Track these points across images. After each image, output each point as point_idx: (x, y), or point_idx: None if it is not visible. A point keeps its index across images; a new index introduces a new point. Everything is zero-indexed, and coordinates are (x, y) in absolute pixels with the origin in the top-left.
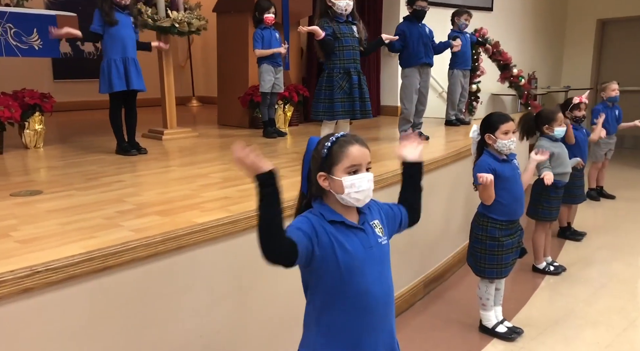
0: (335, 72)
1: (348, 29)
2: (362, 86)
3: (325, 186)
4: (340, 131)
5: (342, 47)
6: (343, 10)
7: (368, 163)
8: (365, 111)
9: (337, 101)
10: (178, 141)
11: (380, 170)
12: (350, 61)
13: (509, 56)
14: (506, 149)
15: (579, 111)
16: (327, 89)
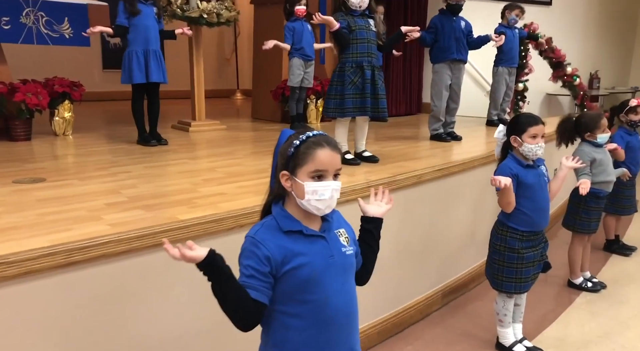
0: (347, 66)
1: (364, 21)
2: (377, 82)
3: (287, 186)
4: (358, 131)
5: (355, 40)
6: (357, 5)
7: (337, 170)
8: (378, 109)
9: (348, 97)
10: (204, 134)
11: (394, 171)
12: (364, 54)
13: (563, 53)
14: (532, 154)
15: (635, 114)
16: (339, 84)
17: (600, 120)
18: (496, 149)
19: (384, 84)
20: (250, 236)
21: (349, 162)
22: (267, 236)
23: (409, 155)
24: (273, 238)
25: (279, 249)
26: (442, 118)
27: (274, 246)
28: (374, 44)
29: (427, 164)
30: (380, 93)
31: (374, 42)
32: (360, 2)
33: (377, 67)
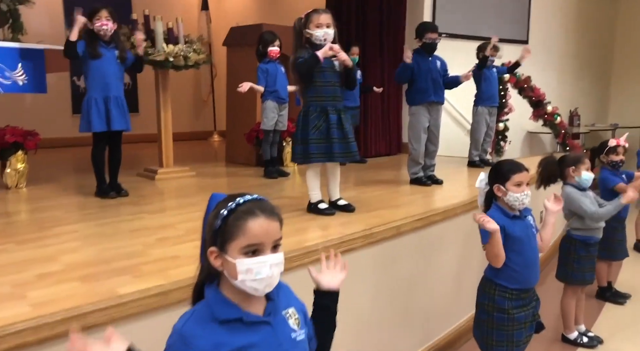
0: (311, 110)
1: (328, 62)
2: (344, 125)
3: (217, 265)
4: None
5: (320, 82)
6: (322, 40)
7: (276, 241)
8: (349, 153)
9: (312, 143)
10: (171, 182)
11: (371, 221)
12: (329, 98)
13: (542, 92)
14: (518, 204)
15: (616, 155)
16: (303, 129)
17: (584, 158)
18: (479, 199)
19: (352, 127)
20: (177, 330)
21: (322, 212)
22: (198, 330)
23: (387, 202)
24: (205, 332)
25: (213, 348)
26: (421, 161)
27: (207, 344)
28: (338, 87)
29: (406, 213)
30: (350, 137)
31: (338, 84)
32: (325, 35)
33: (344, 110)
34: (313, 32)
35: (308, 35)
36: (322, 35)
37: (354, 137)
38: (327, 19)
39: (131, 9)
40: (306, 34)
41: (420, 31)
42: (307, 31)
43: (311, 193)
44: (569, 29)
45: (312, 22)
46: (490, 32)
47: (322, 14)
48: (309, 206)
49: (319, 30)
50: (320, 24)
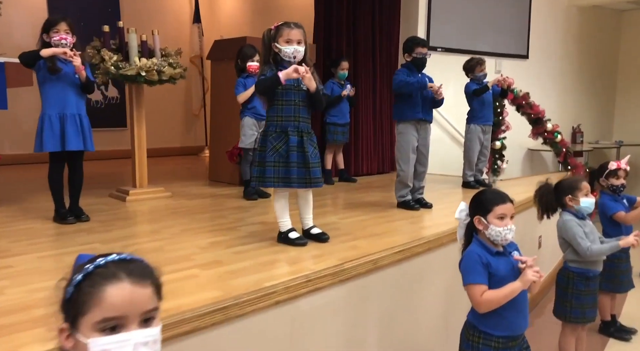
0: (270, 131)
1: (293, 80)
2: (306, 148)
3: (69, 347)
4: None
5: (281, 101)
6: (291, 57)
7: (146, 312)
8: (310, 179)
9: (269, 165)
10: (143, 204)
11: (345, 254)
12: (290, 118)
13: (542, 109)
14: (501, 239)
15: (616, 178)
16: (262, 150)
17: (581, 182)
18: (458, 231)
19: (317, 151)
20: None
21: (293, 242)
22: None
23: (369, 229)
24: None
25: None
26: (409, 184)
27: None
28: (303, 107)
29: (387, 243)
30: (312, 162)
31: (303, 104)
32: (295, 53)
33: (307, 132)
34: (282, 47)
35: (276, 49)
36: (292, 52)
37: (318, 162)
38: (298, 35)
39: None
40: (274, 48)
41: (409, 46)
42: (276, 45)
43: (280, 222)
44: (571, 44)
45: (282, 37)
46: (487, 47)
47: (293, 28)
48: (279, 235)
49: (289, 47)
50: (291, 39)
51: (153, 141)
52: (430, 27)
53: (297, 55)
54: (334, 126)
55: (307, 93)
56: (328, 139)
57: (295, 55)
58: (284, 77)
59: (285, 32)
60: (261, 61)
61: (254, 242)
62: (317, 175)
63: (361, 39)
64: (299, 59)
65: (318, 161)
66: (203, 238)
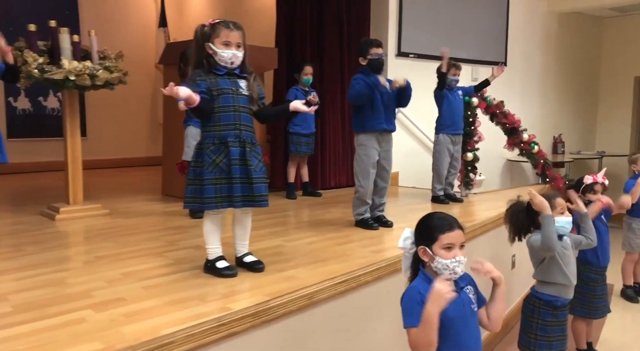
0: (207, 143)
1: (231, 83)
2: (249, 162)
3: None
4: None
5: (219, 108)
6: (227, 62)
7: None
8: (253, 197)
9: (209, 183)
10: (73, 223)
11: (279, 287)
12: (230, 127)
13: (517, 119)
14: (449, 273)
15: (593, 193)
16: (197, 166)
17: (555, 198)
18: (403, 262)
19: (262, 164)
20: None
21: (221, 273)
22: None
23: (315, 254)
24: None
25: None
26: (368, 201)
27: None
28: (245, 114)
29: (330, 272)
30: (256, 177)
31: (244, 110)
32: (233, 58)
33: (250, 143)
34: (218, 50)
35: (211, 51)
36: (230, 57)
37: (263, 178)
38: (238, 38)
39: (79, 28)
40: (208, 49)
41: (363, 48)
42: (211, 46)
43: (208, 248)
44: (551, 51)
45: (219, 38)
46: (463, 53)
47: (233, 30)
48: (205, 264)
49: (227, 51)
50: (229, 42)
51: (116, 150)
52: (402, 32)
53: (235, 61)
54: (297, 136)
55: (248, 98)
56: (291, 150)
57: (233, 61)
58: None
59: (224, 33)
60: (191, 63)
61: (175, 272)
62: (262, 192)
63: (328, 44)
64: (237, 65)
65: (263, 177)
66: (118, 267)
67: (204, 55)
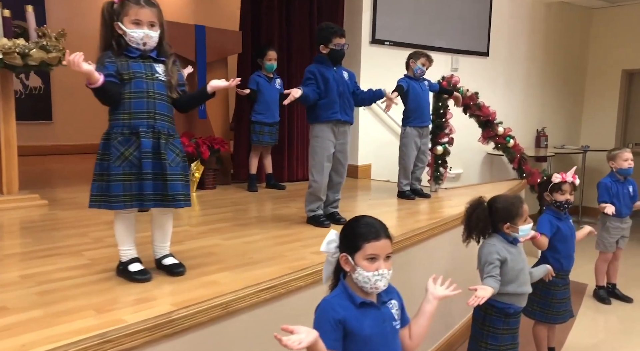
0: (114, 133)
1: (146, 67)
2: (164, 155)
3: None
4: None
5: (130, 93)
6: (139, 43)
7: None
8: (167, 196)
9: (116, 180)
10: (8, 214)
11: (193, 295)
12: (142, 115)
13: (492, 111)
14: (370, 287)
15: (561, 193)
16: (104, 160)
17: (521, 207)
18: (325, 268)
19: (180, 159)
20: None
21: (133, 277)
22: None
23: (250, 255)
24: None
25: None
26: (322, 196)
27: None
28: (161, 101)
29: (256, 277)
30: (171, 173)
31: (160, 97)
32: (145, 39)
33: (166, 134)
34: (127, 30)
35: (120, 31)
36: (141, 38)
37: (181, 174)
38: (150, 16)
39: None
40: (118, 28)
41: (325, 36)
42: (120, 26)
43: (120, 249)
44: (537, 42)
45: (128, 16)
46: (442, 42)
47: (144, 7)
48: (117, 266)
49: (138, 31)
50: (140, 21)
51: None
52: (377, 18)
53: (149, 42)
54: (259, 126)
55: (166, 84)
56: (253, 140)
57: (145, 42)
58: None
59: (133, 11)
60: (100, 44)
61: (85, 275)
62: (178, 190)
63: (296, 28)
64: (151, 46)
65: (181, 173)
66: (21, 268)
67: (114, 36)
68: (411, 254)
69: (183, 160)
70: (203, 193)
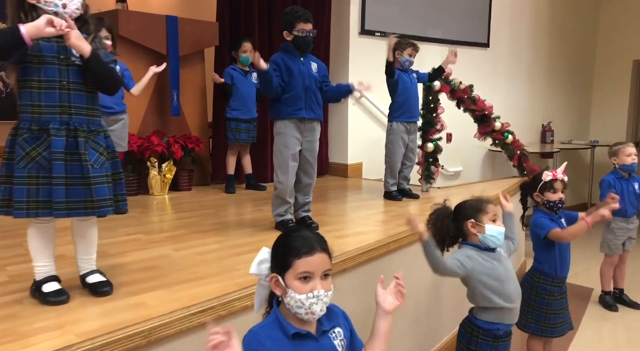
0: (21, 129)
1: (59, 49)
2: (84, 156)
3: None
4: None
5: (38, 82)
6: (58, 4)
7: None
8: (91, 203)
9: (20, 183)
10: None
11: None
12: (54, 109)
13: (489, 105)
14: (304, 312)
15: (553, 192)
16: (10, 159)
17: (487, 204)
18: (257, 293)
19: (105, 158)
20: None
21: (45, 299)
22: None
23: (199, 268)
24: None
25: None
26: (289, 199)
27: None
28: (77, 92)
29: (193, 297)
30: (95, 175)
31: (77, 87)
32: (67, 2)
33: (85, 131)
34: None
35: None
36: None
37: (104, 176)
38: None
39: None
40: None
41: (289, 21)
42: None
43: (35, 266)
44: (542, 32)
45: None
46: (439, 33)
47: None
48: (31, 286)
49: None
50: None
51: None
52: (366, 7)
53: (69, 3)
54: (235, 122)
55: (85, 62)
56: (229, 137)
57: (65, 4)
58: (31, 33)
59: None
60: (9, 14)
61: None
62: (104, 195)
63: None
64: (71, 10)
65: (106, 175)
66: None
67: (23, 8)
68: (388, 263)
69: (110, 158)
70: (176, 195)
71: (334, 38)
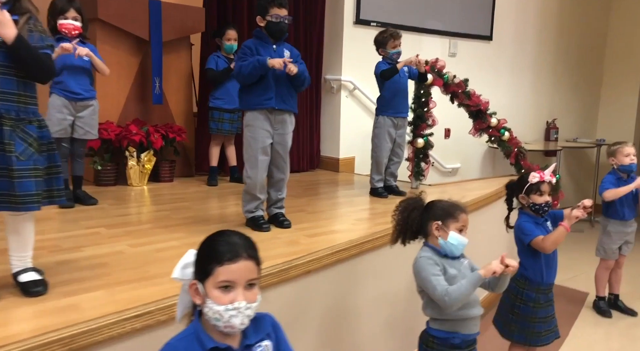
0: None
1: None
2: (8, 147)
3: None
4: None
5: None
6: None
7: None
8: (14, 198)
9: None
10: None
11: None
12: None
13: (484, 100)
14: (223, 325)
15: (539, 195)
16: None
17: (460, 212)
18: (180, 300)
19: (33, 150)
20: None
21: None
22: None
23: (151, 267)
24: None
25: None
26: (259, 195)
27: None
28: (8, 76)
29: (132, 300)
30: (20, 168)
31: (3, 70)
32: None
33: (12, 119)
34: None
35: None
36: None
37: (32, 168)
38: None
39: None
40: None
41: (262, 5)
42: None
43: None
44: (548, 24)
45: None
46: (439, 24)
47: None
48: None
49: None
50: None
51: None
52: None
53: None
54: (218, 112)
55: (8, 49)
56: (212, 128)
57: None
58: None
59: None
60: None
61: None
62: (30, 189)
63: None
64: None
65: (34, 168)
66: None
67: None
68: (360, 265)
69: (45, 151)
70: (156, 186)
71: (328, 27)
